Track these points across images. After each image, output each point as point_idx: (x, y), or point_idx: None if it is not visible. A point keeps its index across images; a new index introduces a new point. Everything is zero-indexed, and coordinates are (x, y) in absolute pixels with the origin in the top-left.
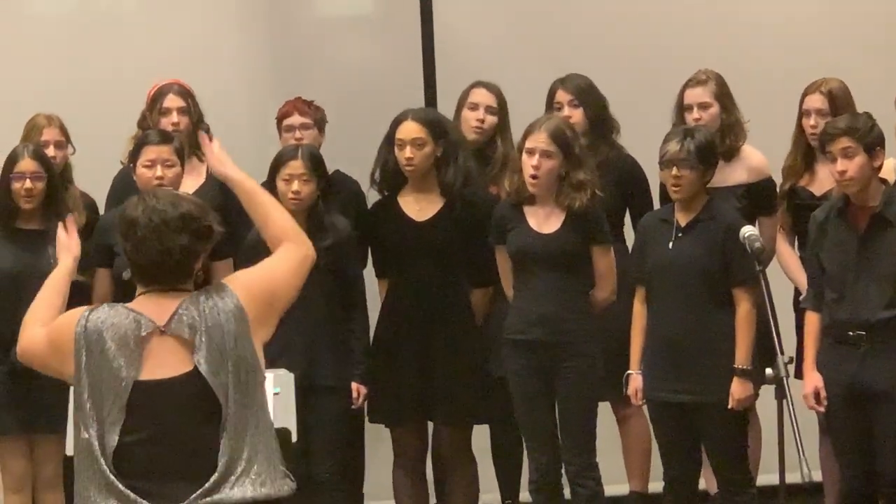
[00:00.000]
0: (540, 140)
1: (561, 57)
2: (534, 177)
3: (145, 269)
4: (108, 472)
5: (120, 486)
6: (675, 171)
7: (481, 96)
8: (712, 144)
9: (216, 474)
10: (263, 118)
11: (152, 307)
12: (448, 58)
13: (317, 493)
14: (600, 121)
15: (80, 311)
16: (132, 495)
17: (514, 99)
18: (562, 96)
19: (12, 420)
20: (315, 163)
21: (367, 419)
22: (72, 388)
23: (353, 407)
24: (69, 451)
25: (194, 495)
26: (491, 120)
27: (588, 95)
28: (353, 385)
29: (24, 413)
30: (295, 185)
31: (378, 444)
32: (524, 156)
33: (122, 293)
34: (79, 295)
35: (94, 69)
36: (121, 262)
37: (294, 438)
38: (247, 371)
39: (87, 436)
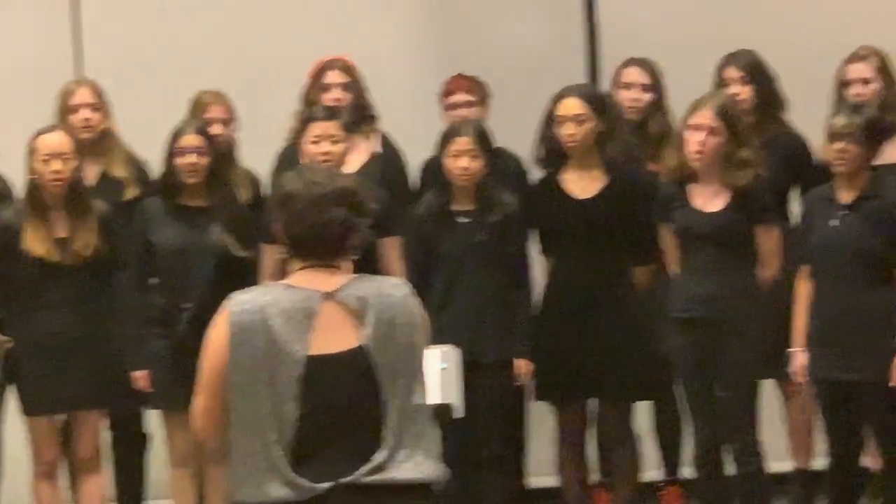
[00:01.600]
0: (706, 117)
1: (725, 33)
2: (698, 152)
3: (302, 242)
4: (275, 446)
5: (281, 462)
6: (840, 144)
7: (634, 75)
8: (881, 123)
9: (385, 451)
10: (426, 94)
11: (315, 281)
12: (611, 34)
13: (481, 470)
14: (769, 98)
15: (223, 315)
16: (298, 480)
17: (677, 75)
18: (731, 73)
19: (178, 395)
20: (483, 138)
21: (532, 396)
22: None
23: (517, 384)
24: None
25: (362, 471)
26: (646, 97)
27: (758, 72)
28: (519, 362)
29: (189, 389)
30: (463, 161)
31: (541, 420)
32: (688, 132)
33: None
34: (245, 272)
35: (257, 46)
36: None
37: (460, 414)
38: (414, 352)
39: (254, 410)
